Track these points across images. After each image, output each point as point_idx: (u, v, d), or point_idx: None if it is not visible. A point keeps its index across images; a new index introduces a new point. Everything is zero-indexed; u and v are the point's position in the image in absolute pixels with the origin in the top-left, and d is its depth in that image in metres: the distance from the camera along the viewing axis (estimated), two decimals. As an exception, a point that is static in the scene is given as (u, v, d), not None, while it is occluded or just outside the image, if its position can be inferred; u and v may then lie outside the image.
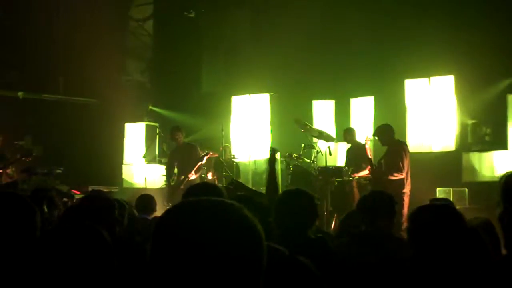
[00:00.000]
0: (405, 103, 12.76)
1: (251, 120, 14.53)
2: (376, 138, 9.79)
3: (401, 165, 9.30)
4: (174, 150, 12.08)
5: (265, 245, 1.53)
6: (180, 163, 11.67)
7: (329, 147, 11.01)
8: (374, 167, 9.59)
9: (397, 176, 9.31)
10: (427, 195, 8.65)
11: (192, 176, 11.26)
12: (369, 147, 9.81)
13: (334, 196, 10.30)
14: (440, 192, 11.08)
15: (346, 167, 10.64)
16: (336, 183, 10.38)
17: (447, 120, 12.35)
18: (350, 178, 10.42)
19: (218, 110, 14.41)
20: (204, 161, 11.21)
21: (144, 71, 16.01)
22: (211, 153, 11.63)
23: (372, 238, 4.18)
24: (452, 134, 12.30)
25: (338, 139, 12.55)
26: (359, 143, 10.93)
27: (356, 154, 10.83)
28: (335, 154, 12.51)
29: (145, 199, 7.88)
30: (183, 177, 11.38)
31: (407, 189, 9.39)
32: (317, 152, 11.22)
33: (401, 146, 9.63)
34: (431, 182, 11.03)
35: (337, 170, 10.64)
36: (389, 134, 9.71)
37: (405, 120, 12.66)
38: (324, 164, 10.70)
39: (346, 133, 11.36)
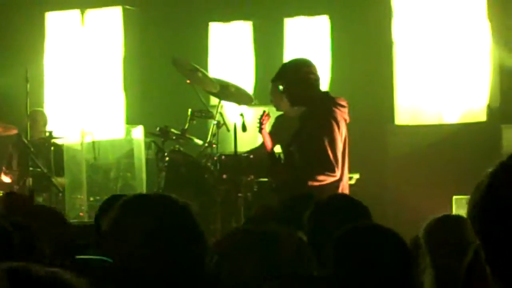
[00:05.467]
0: (392, 28, 8.98)
1: (84, 57, 10.63)
2: (280, 88, 7.06)
3: (330, 154, 6.52)
4: None
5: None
6: None
7: (242, 115, 8.12)
8: (277, 159, 7.08)
9: (326, 179, 6.55)
10: (435, 206, 6.39)
11: None
12: (267, 117, 7.28)
13: (252, 212, 7.45)
14: (459, 202, 8.38)
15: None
16: (255, 187, 7.64)
17: (474, 65, 8.75)
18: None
19: (17, 38, 10.75)
20: None
21: None
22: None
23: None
24: (484, 92, 8.89)
25: (259, 98, 8.86)
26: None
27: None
28: (254, 129, 9.09)
29: None
30: None
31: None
32: (219, 124, 8.43)
33: (328, 109, 6.74)
34: (443, 184, 8.48)
35: (256, 161, 7.91)
36: (304, 79, 6.76)
37: (390, 62, 9.06)
38: (233, 150, 8.04)
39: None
